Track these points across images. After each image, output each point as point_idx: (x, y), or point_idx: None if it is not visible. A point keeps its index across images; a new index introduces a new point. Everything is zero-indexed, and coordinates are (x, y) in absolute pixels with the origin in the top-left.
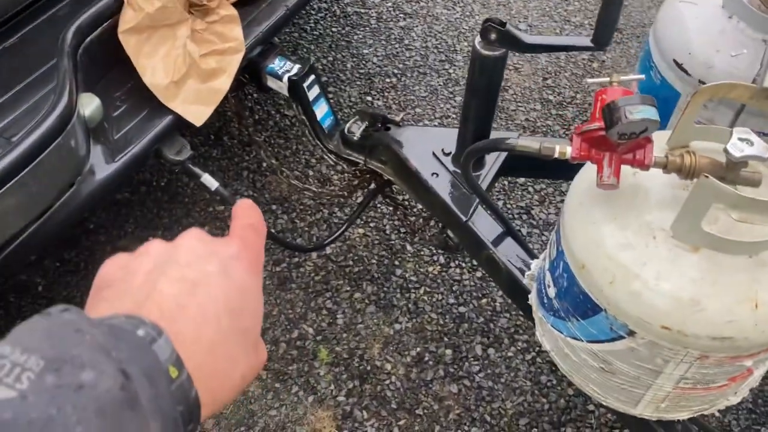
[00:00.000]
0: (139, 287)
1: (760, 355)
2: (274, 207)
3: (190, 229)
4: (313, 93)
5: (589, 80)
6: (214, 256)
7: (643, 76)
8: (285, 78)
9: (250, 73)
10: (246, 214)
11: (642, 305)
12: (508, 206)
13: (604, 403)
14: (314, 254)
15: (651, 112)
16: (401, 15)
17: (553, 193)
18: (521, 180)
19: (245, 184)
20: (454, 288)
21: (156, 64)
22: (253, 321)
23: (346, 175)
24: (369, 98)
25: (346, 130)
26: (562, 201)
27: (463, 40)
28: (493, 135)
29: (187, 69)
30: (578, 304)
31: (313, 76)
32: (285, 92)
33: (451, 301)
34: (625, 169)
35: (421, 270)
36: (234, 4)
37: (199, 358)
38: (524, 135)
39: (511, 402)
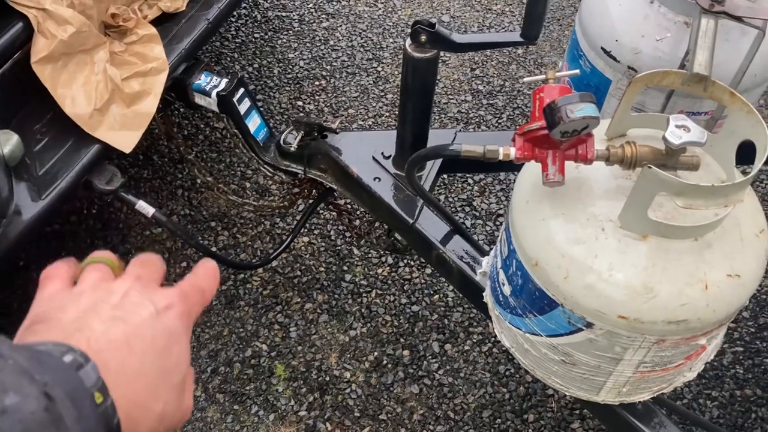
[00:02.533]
0: (71, 322)
1: (713, 332)
2: (213, 224)
3: (128, 274)
4: (244, 106)
5: (526, 79)
6: (148, 302)
7: (577, 71)
8: (213, 94)
9: (177, 91)
10: (203, 276)
11: (598, 297)
12: (450, 200)
13: (567, 394)
14: (260, 268)
15: (591, 109)
16: (323, 16)
17: (491, 182)
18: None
19: (181, 203)
20: (405, 287)
21: (76, 92)
22: (177, 365)
23: (285, 184)
24: (300, 103)
25: (281, 142)
26: (502, 190)
27: (389, 36)
28: (431, 135)
29: (110, 94)
30: (534, 301)
31: (242, 90)
32: (215, 108)
33: (404, 301)
34: (568, 163)
35: (371, 273)
36: (153, 22)
37: (123, 388)
38: (462, 131)
39: (473, 395)
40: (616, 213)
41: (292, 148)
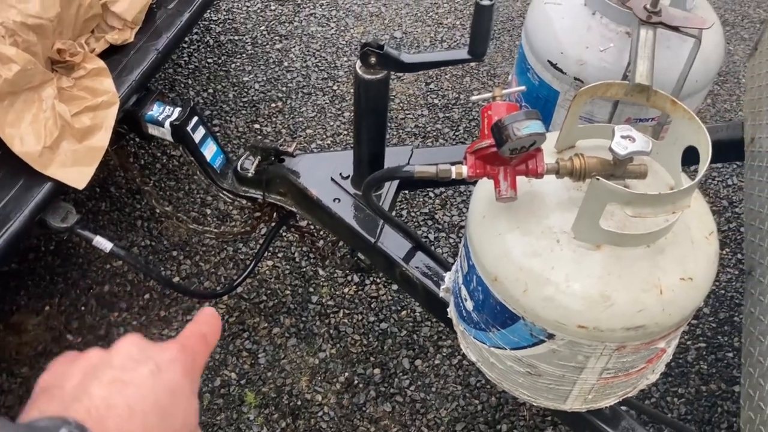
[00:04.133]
0: (70, 391)
1: (671, 335)
2: (174, 253)
3: (128, 335)
4: (198, 135)
5: (473, 97)
6: (149, 359)
7: (524, 88)
8: (167, 124)
9: (129, 123)
10: (202, 321)
11: (557, 308)
12: (412, 214)
13: (535, 404)
14: (225, 296)
15: (537, 126)
16: (276, 37)
17: (452, 195)
18: None
19: (141, 234)
20: (372, 305)
21: (24, 131)
22: (183, 420)
23: (246, 209)
24: (257, 126)
25: (239, 168)
26: (463, 202)
27: (342, 55)
28: (388, 153)
29: (60, 131)
30: (496, 315)
31: (196, 118)
32: (169, 138)
33: (372, 319)
34: (521, 177)
35: (337, 293)
36: (101, 55)
37: None
38: (420, 145)
39: (445, 409)
40: (570, 224)
41: (250, 174)
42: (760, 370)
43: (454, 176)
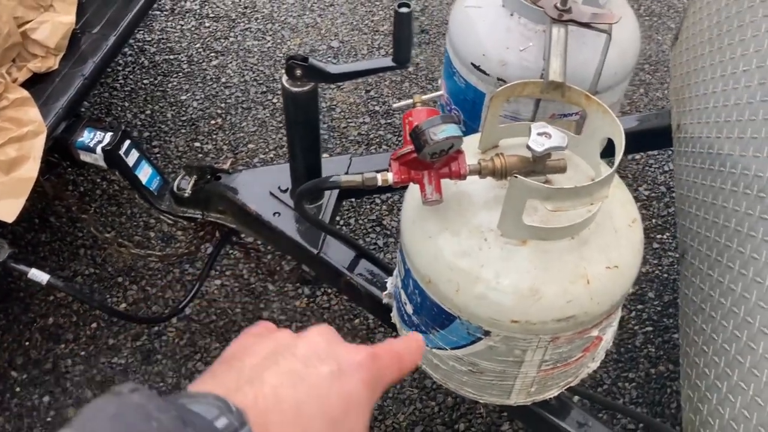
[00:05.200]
0: (249, 369)
1: (603, 323)
2: (120, 279)
3: (321, 325)
4: (132, 158)
5: (395, 105)
6: (333, 358)
7: (442, 93)
8: (98, 150)
9: (60, 151)
10: (404, 342)
11: (489, 306)
12: (360, 222)
13: (481, 401)
14: (174, 319)
15: (453, 130)
16: (212, 54)
17: (399, 200)
18: None
19: (84, 263)
20: (325, 316)
21: None
22: None
23: (190, 230)
24: (197, 144)
25: (175, 189)
26: None
27: (280, 68)
28: (326, 163)
29: None
30: (434, 316)
31: (128, 141)
32: (102, 164)
33: None
34: (445, 180)
35: (289, 307)
36: (24, 84)
37: None
38: (363, 152)
39: (403, 414)
40: (496, 222)
41: (187, 194)
42: (695, 349)
43: (380, 183)
